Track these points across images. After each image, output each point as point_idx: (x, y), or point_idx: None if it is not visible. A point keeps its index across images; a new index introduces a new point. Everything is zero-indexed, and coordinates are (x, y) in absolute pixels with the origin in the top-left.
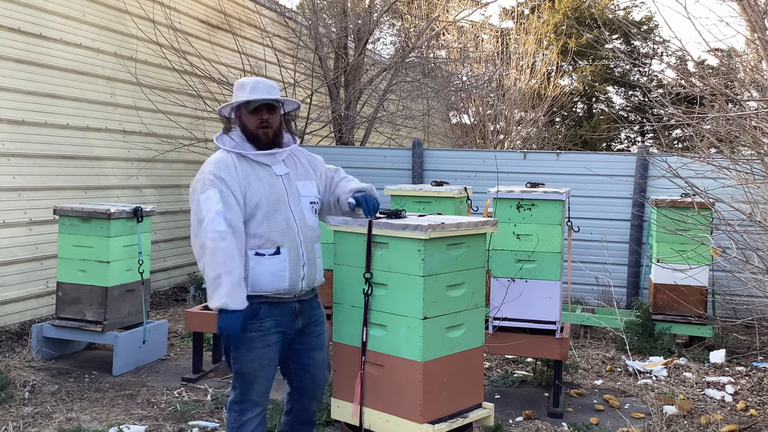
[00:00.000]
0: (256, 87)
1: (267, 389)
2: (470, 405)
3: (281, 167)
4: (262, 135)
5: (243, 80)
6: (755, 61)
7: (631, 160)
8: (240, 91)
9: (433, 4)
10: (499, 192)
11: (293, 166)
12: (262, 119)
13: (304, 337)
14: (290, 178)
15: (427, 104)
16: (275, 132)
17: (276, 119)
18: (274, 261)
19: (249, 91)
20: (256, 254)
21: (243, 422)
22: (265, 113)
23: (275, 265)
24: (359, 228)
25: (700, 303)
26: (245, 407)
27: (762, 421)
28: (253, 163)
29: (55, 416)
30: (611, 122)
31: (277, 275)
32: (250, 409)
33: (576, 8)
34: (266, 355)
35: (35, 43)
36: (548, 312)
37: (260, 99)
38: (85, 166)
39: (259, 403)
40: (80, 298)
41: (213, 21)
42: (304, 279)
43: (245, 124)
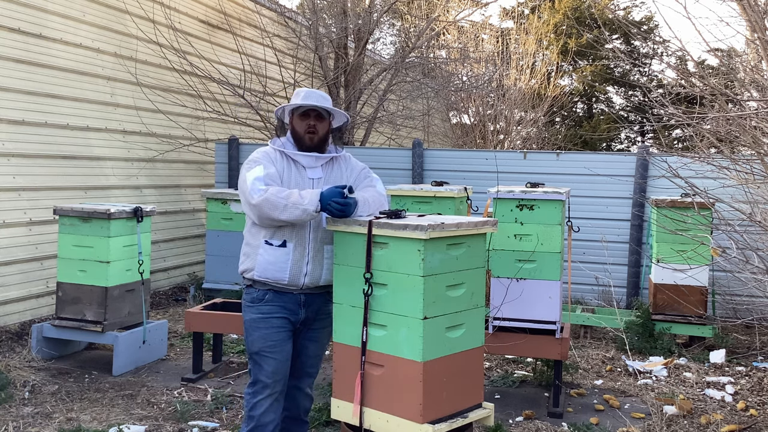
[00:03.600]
0: (308, 95)
1: (277, 371)
2: (470, 405)
3: (316, 172)
4: (307, 139)
5: (300, 89)
6: (755, 61)
7: (631, 160)
8: (295, 97)
9: (433, 4)
10: (499, 192)
11: (329, 172)
12: (309, 124)
13: (304, 327)
14: (321, 183)
15: (427, 104)
16: (320, 138)
17: (323, 127)
18: (278, 252)
19: (302, 98)
20: (266, 242)
21: (254, 404)
22: (314, 120)
23: (278, 257)
24: (359, 228)
25: (700, 303)
26: (257, 389)
27: (762, 421)
28: (291, 162)
29: (55, 416)
30: (611, 122)
31: (278, 266)
32: (261, 390)
33: (576, 8)
34: (271, 336)
35: (35, 43)
36: (548, 312)
37: (309, 105)
38: (85, 166)
39: (269, 385)
40: (80, 298)
41: (213, 21)
42: (307, 276)
43: (295, 127)
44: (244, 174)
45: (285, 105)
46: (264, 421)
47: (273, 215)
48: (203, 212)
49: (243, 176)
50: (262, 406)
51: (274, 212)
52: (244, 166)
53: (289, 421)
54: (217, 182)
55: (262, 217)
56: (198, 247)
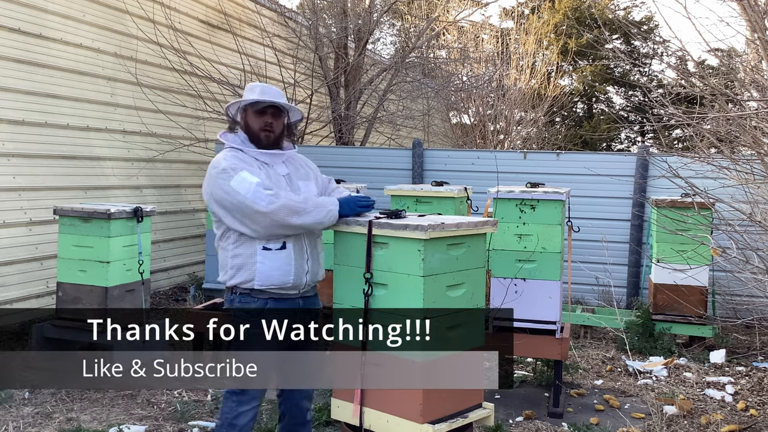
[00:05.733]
0: (265, 91)
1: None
2: (470, 405)
3: (282, 168)
4: (264, 137)
5: (253, 84)
6: (755, 61)
7: (631, 160)
8: (250, 92)
9: (433, 4)
10: (500, 192)
11: (293, 168)
12: (266, 122)
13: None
14: (291, 178)
15: (427, 104)
16: (277, 136)
17: (279, 125)
18: (280, 255)
19: (258, 93)
20: (264, 248)
21: (240, 413)
22: (270, 117)
23: (281, 260)
24: (359, 228)
25: (700, 303)
26: (243, 399)
27: (762, 421)
28: (254, 161)
29: (55, 416)
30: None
31: (283, 269)
32: (248, 402)
33: (576, 8)
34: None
35: (35, 43)
36: (548, 312)
37: (268, 101)
38: (85, 166)
39: (256, 397)
40: (80, 298)
41: (213, 21)
42: (308, 273)
43: (249, 124)
44: (227, 184)
45: (240, 100)
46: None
47: (290, 221)
48: (203, 212)
49: (228, 186)
50: (247, 416)
51: (291, 217)
52: (220, 175)
53: (295, 427)
54: None
55: (274, 224)
56: (198, 247)
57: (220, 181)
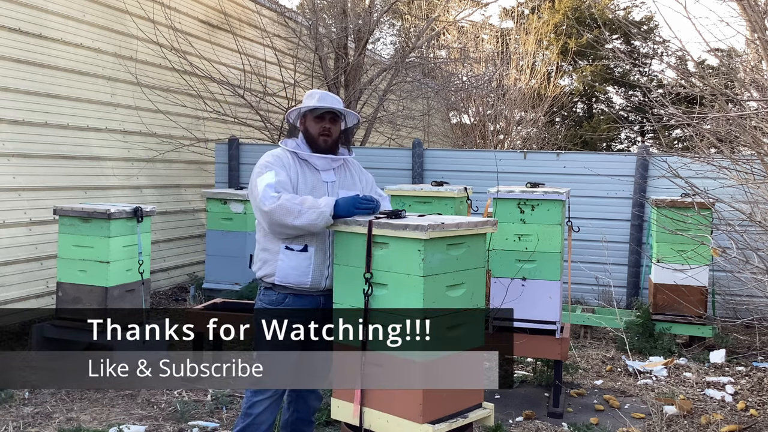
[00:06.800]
0: (323, 97)
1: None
2: (470, 405)
3: (330, 175)
4: (321, 141)
5: (313, 91)
6: (755, 61)
7: (631, 160)
8: (309, 99)
9: (433, 4)
10: (500, 192)
11: (342, 175)
12: (324, 127)
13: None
14: (335, 186)
15: (427, 104)
16: (334, 141)
17: (336, 130)
18: (300, 257)
19: (317, 100)
20: (286, 248)
21: (254, 402)
22: (328, 122)
23: (301, 261)
24: (359, 228)
25: (700, 303)
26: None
27: (762, 421)
28: (305, 165)
29: (55, 416)
30: (611, 122)
31: (301, 270)
32: (263, 391)
33: (576, 8)
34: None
35: (35, 43)
36: (548, 312)
37: (326, 107)
38: (85, 166)
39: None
40: (80, 298)
41: (213, 21)
42: (328, 278)
43: (308, 129)
44: (255, 180)
45: (300, 106)
46: (259, 421)
47: (286, 221)
48: (203, 212)
49: (254, 182)
50: (262, 406)
51: (287, 218)
52: (255, 170)
53: (299, 423)
54: (217, 182)
55: (274, 224)
56: (198, 247)
57: (254, 176)
